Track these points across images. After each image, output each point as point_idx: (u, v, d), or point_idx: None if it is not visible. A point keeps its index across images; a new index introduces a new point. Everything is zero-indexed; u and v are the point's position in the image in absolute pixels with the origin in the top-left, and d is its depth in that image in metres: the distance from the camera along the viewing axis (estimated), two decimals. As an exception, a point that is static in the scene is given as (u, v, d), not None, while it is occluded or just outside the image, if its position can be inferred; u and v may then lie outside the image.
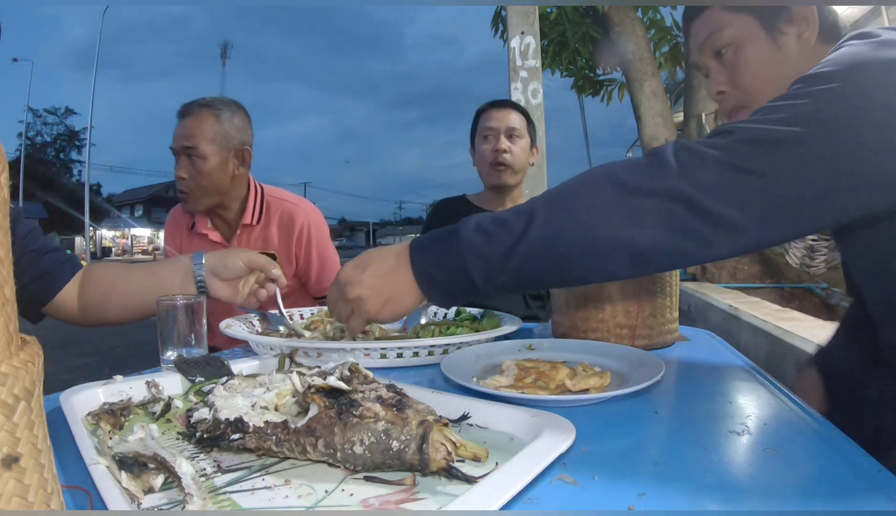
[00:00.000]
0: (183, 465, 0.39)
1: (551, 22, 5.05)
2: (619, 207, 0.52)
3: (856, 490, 0.39)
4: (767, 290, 4.08)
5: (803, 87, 0.52)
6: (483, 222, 0.56)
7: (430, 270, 0.58)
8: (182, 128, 1.22)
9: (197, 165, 1.20)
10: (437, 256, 0.58)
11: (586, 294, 0.87)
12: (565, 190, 0.55)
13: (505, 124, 1.49)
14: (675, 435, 0.52)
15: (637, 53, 4.80)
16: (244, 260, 0.92)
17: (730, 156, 0.50)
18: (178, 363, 0.64)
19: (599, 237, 0.52)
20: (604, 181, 0.53)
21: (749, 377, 0.71)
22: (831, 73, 0.51)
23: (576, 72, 5.68)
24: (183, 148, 1.20)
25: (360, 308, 0.63)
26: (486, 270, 0.55)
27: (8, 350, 0.25)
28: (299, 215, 1.32)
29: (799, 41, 0.67)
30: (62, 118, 34.10)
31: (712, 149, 0.51)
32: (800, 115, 0.50)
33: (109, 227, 35.60)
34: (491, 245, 0.54)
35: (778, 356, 2.12)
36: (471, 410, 0.49)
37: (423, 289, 0.60)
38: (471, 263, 0.55)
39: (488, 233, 0.55)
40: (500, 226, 0.55)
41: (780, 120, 0.50)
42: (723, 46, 0.70)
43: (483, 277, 0.55)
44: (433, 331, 0.91)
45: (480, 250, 0.55)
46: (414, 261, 0.59)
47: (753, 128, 0.51)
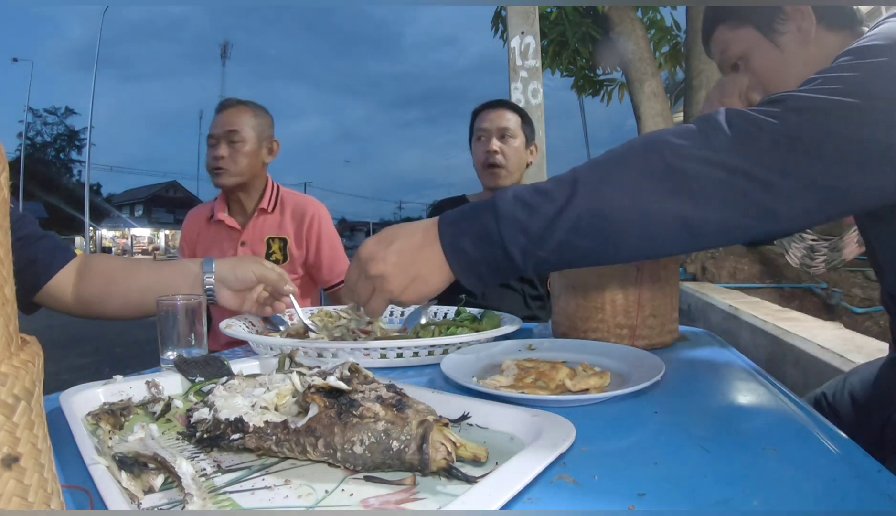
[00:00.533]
0: (183, 465, 0.39)
1: (551, 22, 5.06)
2: (670, 177, 0.48)
3: (856, 490, 0.39)
4: (767, 290, 4.08)
5: (852, 60, 0.50)
6: (522, 193, 0.52)
7: (463, 246, 0.53)
8: (225, 117, 1.42)
9: (236, 147, 1.39)
10: (471, 230, 0.53)
11: (586, 294, 0.87)
12: (612, 156, 0.51)
13: (496, 125, 1.49)
14: (675, 435, 0.52)
15: (637, 53, 4.80)
16: (255, 272, 0.91)
17: (783, 125, 0.48)
18: (178, 363, 0.64)
19: (650, 209, 0.48)
20: (653, 147, 0.50)
21: (749, 377, 0.71)
22: (880, 47, 0.50)
23: (576, 72, 5.69)
24: (226, 132, 1.40)
25: (382, 287, 0.58)
26: (526, 245, 0.51)
27: (8, 350, 0.25)
28: (310, 207, 1.49)
29: (799, 33, 0.68)
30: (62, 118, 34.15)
31: (766, 116, 0.49)
32: (851, 86, 0.48)
33: (109, 227, 35.62)
34: (532, 217, 0.50)
35: (778, 356, 2.12)
36: (471, 410, 0.49)
37: (454, 268, 0.55)
38: (509, 237, 0.51)
39: (528, 204, 0.51)
40: (541, 197, 0.51)
41: (833, 90, 0.48)
42: (735, 61, 0.73)
43: (522, 252, 0.51)
44: (433, 331, 0.91)
45: (520, 222, 0.50)
46: (444, 236, 0.55)
47: (807, 95, 0.49)
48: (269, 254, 1.46)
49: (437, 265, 0.55)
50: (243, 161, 1.40)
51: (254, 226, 1.46)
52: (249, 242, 1.47)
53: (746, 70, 0.73)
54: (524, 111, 1.57)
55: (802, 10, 0.68)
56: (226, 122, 1.41)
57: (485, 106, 1.56)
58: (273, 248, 1.46)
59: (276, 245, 1.46)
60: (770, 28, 0.69)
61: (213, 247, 1.49)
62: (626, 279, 0.85)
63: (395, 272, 0.57)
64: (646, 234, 0.50)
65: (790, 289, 4.22)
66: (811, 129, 0.47)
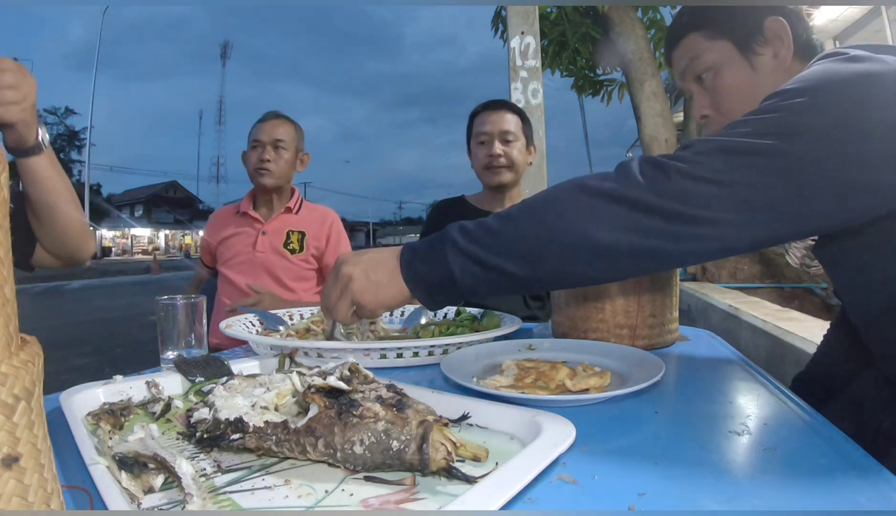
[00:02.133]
0: (183, 465, 0.39)
1: (551, 22, 5.05)
2: (580, 207, 0.55)
3: (856, 489, 0.39)
4: (767, 290, 4.08)
5: (775, 102, 0.53)
6: (467, 224, 0.61)
7: (415, 262, 0.63)
8: (271, 126, 1.60)
9: (280, 153, 1.59)
10: (423, 252, 0.63)
11: (586, 294, 0.87)
12: (540, 195, 0.60)
13: (498, 128, 1.48)
14: (675, 435, 0.52)
15: (637, 53, 4.80)
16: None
17: (692, 168, 0.52)
18: (178, 363, 0.64)
19: (561, 234, 0.55)
20: (573, 187, 0.57)
21: (749, 377, 0.71)
22: (803, 87, 0.52)
23: (576, 72, 5.68)
24: (273, 140, 1.58)
25: (348, 287, 0.66)
26: (463, 264, 0.59)
27: (8, 350, 0.25)
28: (329, 213, 1.69)
29: (775, 60, 0.69)
30: (62, 118, 34.08)
31: (676, 160, 0.53)
32: (769, 127, 0.52)
33: (109, 227, 35.60)
34: (471, 242, 0.59)
35: (778, 356, 2.12)
36: (471, 410, 0.49)
37: (406, 280, 0.63)
38: (452, 258, 0.59)
39: (469, 232, 0.60)
40: (480, 227, 0.60)
41: (745, 133, 0.52)
42: (702, 71, 0.73)
43: (461, 270, 0.59)
44: (433, 331, 0.91)
45: (461, 246, 0.59)
46: (403, 254, 0.65)
47: (716, 139, 0.54)
48: (286, 244, 1.58)
49: (396, 277, 0.64)
50: (284, 166, 1.59)
51: (277, 219, 1.62)
52: (270, 232, 1.59)
53: (711, 85, 0.72)
54: (523, 112, 1.57)
55: (782, 38, 0.68)
56: (272, 131, 1.59)
57: (484, 107, 1.54)
58: (291, 239, 1.60)
59: (295, 236, 1.60)
60: (747, 47, 0.69)
61: (236, 236, 1.62)
62: (626, 280, 0.84)
63: (361, 274, 0.65)
64: (561, 259, 0.56)
65: (790, 289, 4.22)
66: (720, 169, 0.51)
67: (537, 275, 0.58)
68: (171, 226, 38.22)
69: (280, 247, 1.56)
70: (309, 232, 1.61)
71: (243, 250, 1.58)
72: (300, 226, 1.61)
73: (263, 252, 1.56)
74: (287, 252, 1.56)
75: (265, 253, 1.56)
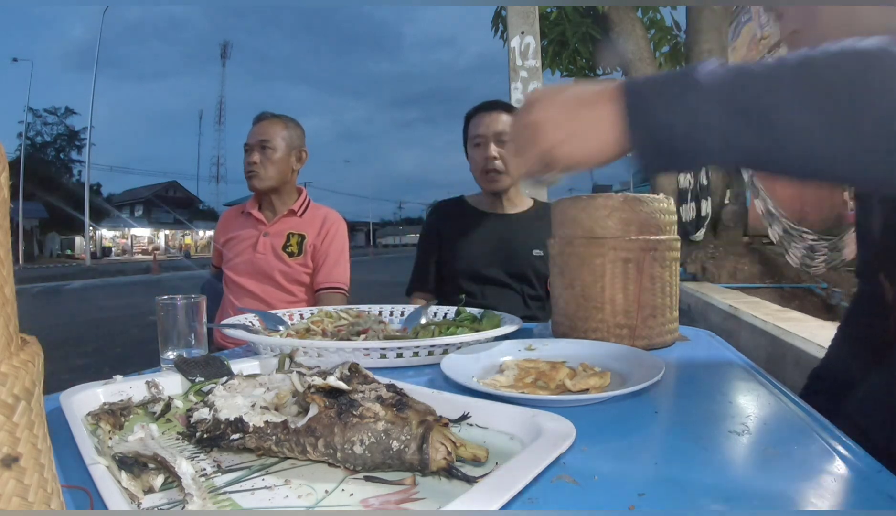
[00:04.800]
0: (183, 465, 0.39)
1: (551, 22, 5.06)
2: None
3: (856, 490, 0.39)
4: (767, 290, 4.08)
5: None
6: (728, 65, 0.46)
7: (651, 106, 0.47)
8: (259, 128, 1.60)
9: (267, 154, 1.57)
10: (665, 92, 0.46)
11: (586, 294, 0.87)
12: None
13: (493, 130, 1.47)
14: (675, 435, 0.52)
15: (637, 53, 4.80)
16: None
17: None
18: (178, 363, 0.64)
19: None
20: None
21: (749, 377, 0.71)
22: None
23: (576, 72, 5.68)
24: (259, 142, 1.57)
25: (535, 137, 0.52)
26: (726, 122, 0.44)
27: (8, 350, 0.25)
28: (332, 215, 1.68)
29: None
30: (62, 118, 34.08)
31: None
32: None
33: (109, 227, 35.59)
34: (744, 91, 0.44)
35: (778, 356, 2.12)
36: (471, 410, 0.49)
37: (632, 130, 0.48)
38: (709, 110, 0.44)
39: (739, 73, 0.44)
40: (747, 75, 0.44)
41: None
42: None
43: (721, 131, 0.44)
44: (433, 331, 0.91)
45: (727, 93, 0.44)
46: (629, 94, 0.48)
47: None
48: (286, 246, 1.59)
49: (605, 126, 0.49)
50: (273, 167, 1.58)
51: (280, 222, 1.62)
52: (272, 233, 1.60)
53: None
54: None
55: None
56: (259, 133, 1.59)
57: (477, 109, 1.53)
58: (291, 242, 1.60)
59: (295, 239, 1.61)
60: None
61: (239, 235, 1.64)
62: (626, 279, 0.85)
63: (552, 123, 0.51)
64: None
65: (790, 289, 4.22)
66: None
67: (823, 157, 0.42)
68: (171, 226, 38.20)
69: (279, 249, 1.57)
70: (308, 234, 1.61)
71: (244, 251, 1.59)
72: (301, 228, 1.61)
73: (263, 254, 1.57)
74: (285, 255, 1.57)
75: (265, 255, 1.57)
